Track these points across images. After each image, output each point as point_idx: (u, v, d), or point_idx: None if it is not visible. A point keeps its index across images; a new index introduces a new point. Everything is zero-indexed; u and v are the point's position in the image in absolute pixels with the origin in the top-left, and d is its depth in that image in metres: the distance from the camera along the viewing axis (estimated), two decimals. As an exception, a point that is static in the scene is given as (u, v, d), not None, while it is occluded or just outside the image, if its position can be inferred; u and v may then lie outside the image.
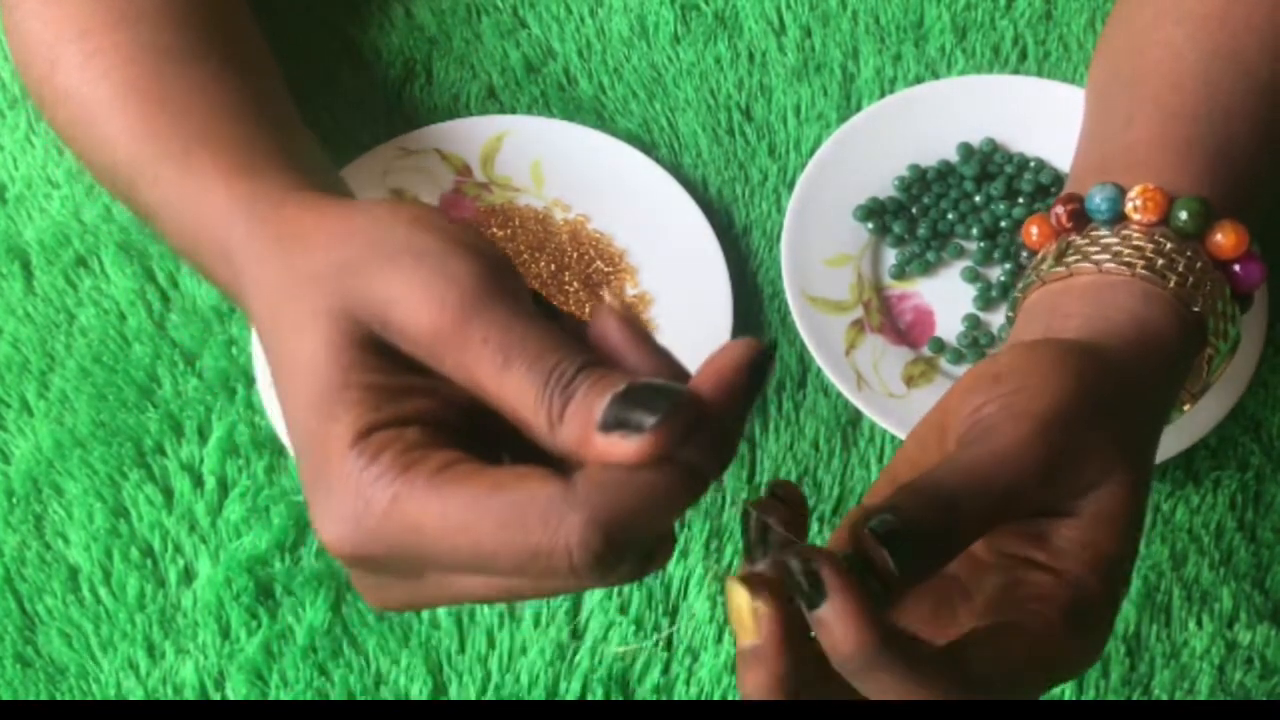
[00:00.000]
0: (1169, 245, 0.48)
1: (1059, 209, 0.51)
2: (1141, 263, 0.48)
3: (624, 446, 0.34)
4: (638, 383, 0.34)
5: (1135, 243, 0.48)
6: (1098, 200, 0.50)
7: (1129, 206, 0.49)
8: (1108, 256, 0.48)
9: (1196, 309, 0.48)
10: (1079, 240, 0.50)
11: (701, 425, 0.34)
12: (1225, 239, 0.49)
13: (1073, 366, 0.43)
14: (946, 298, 0.64)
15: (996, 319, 0.63)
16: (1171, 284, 0.47)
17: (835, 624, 0.36)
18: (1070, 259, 0.49)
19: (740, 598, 0.37)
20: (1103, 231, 0.49)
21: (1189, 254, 0.48)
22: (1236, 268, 0.49)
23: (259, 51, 0.57)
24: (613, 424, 0.34)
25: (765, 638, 0.37)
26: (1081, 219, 0.50)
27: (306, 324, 0.39)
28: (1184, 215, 0.48)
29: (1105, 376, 0.44)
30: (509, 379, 0.36)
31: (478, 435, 0.38)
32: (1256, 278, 0.50)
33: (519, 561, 0.34)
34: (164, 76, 0.51)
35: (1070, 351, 0.44)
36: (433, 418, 0.38)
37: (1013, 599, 0.41)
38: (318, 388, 0.38)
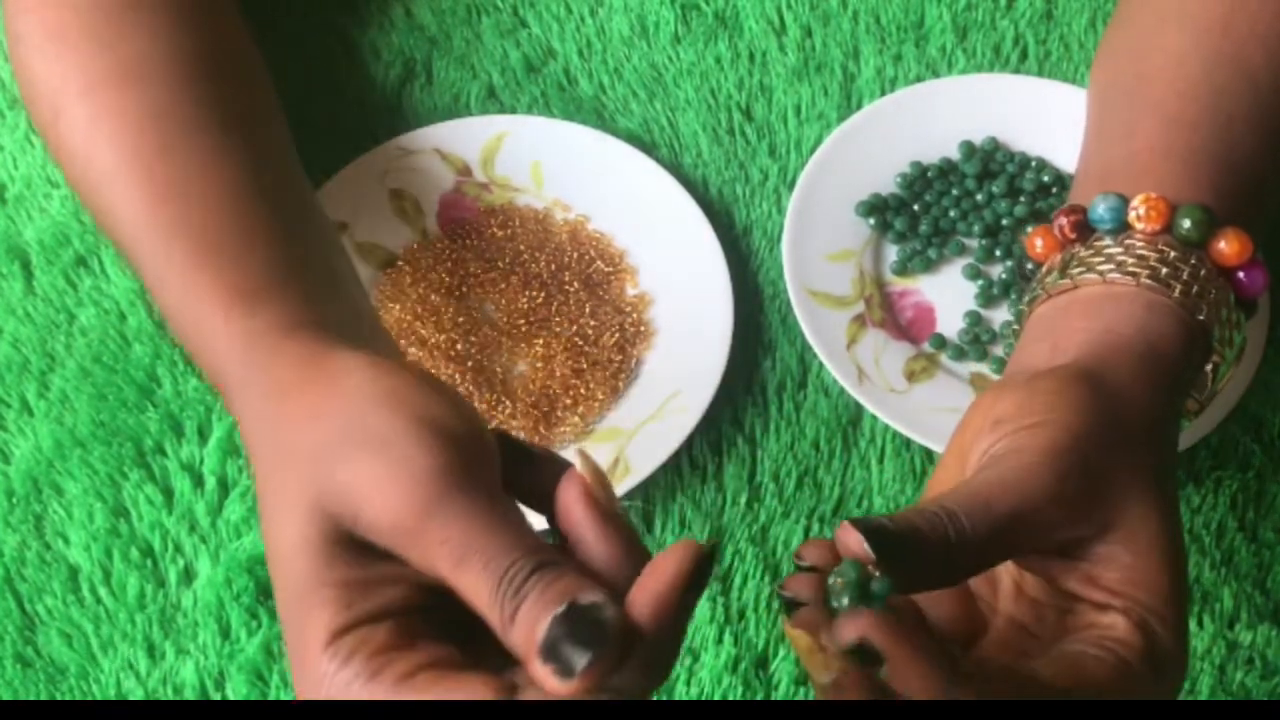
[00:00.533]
0: (1172, 254, 0.48)
1: (1062, 220, 0.50)
2: (1145, 272, 0.47)
3: (555, 684, 0.36)
4: (577, 606, 0.36)
5: (1139, 252, 0.48)
6: (1101, 210, 0.49)
7: (1132, 215, 0.49)
8: (1112, 266, 0.48)
9: (1201, 317, 0.47)
10: (1082, 251, 0.49)
11: (634, 653, 0.36)
12: (1228, 247, 0.48)
13: (1074, 398, 0.43)
14: (948, 294, 0.64)
15: (997, 316, 0.63)
16: (1176, 293, 0.47)
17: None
18: (1074, 271, 0.49)
19: (803, 641, 0.38)
20: (1106, 241, 0.49)
21: (1193, 262, 0.48)
22: (1240, 275, 0.49)
23: (264, 101, 0.57)
24: (549, 651, 0.36)
25: (840, 668, 0.38)
26: (1085, 229, 0.50)
27: (287, 513, 0.40)
28: (1187, 223, 0.48)
29: (1110, 404, 0.44)
30: (465, 578, 0.38)
31: (451, 612, 0.39)
32: (1260, 284, 0.49)
33: None
34: (169, 153, 0.51)
35: (1071, 382, 0.44)
36: (405, 606, 0.40)
37: (1088, 639, 0.41)
38: (296, 580, 0.40)
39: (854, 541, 0.38)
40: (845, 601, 0.38)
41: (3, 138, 0.67)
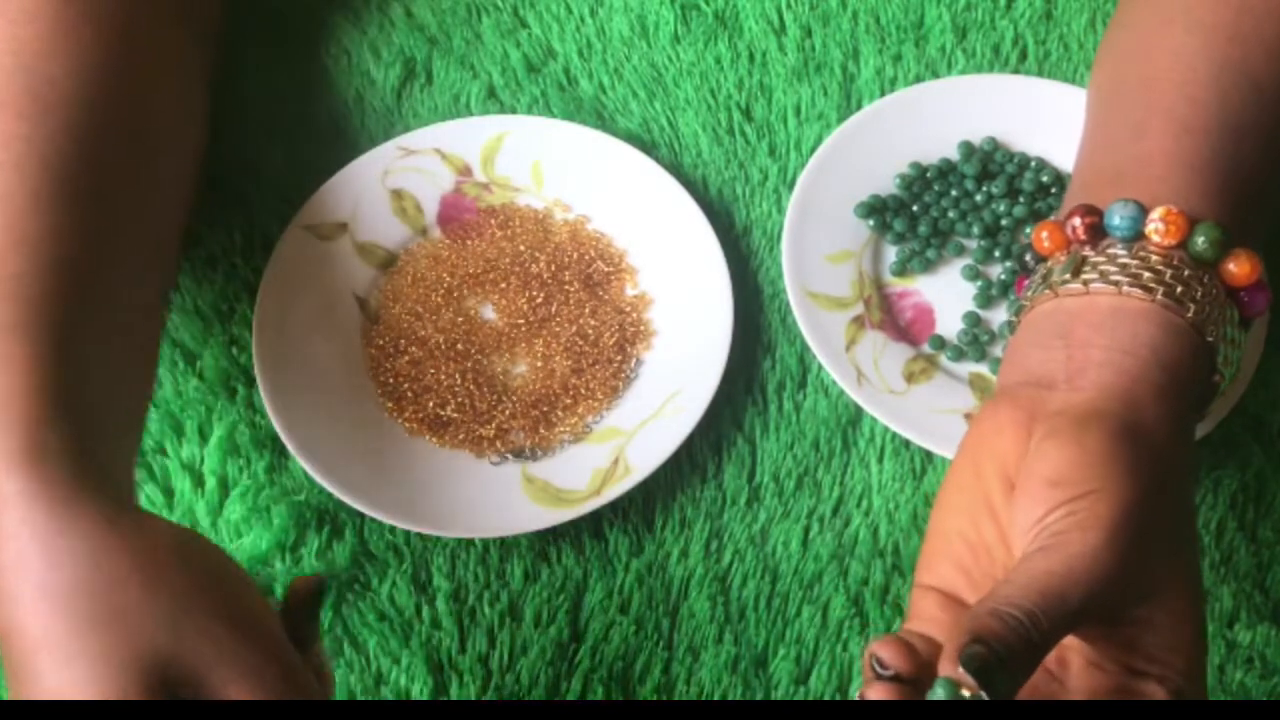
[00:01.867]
0: (1187, 272, 0.48)
1: (1076, 220, 0.50)
2: (1162, 289, 0.47)
3: None
4: None
5: (1155, 266, 0.48)
6: (1117, 219, 0.49)
7: (1150, 228, 0.48)
8: (1127, 279, 0.48)
9: (1210, 339, 0.47)
10: (1095, 257, 0.49)
11: None
12: (1239, 268, 0.48)
13: (1125, 464, 0.43)
14: (947, 295, 0.64)
15: (997, 317, 0.63)
16: (1190, 312, 0.47)
17: None
18: (1087, 276, 0.49)
19: None
20: (1119, 250, 0.49)
21: (1205, 280, 0.48)
22: (1244, 295, 0.49)
23: (166, 169, 0.54)
24: None
25: None
26: (1097, 232, 0.50)
27: (93, 665, 0.41)
28: (1202, 241, 0.48)
29: (1152, 466, 0.44)
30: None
31: None
32: (1261, 306, 0.49)
33: None
34: (34, 209, 0.47)
35: (1119, 443, 0.44)
36: None
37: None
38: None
39: (969, 683, 0.38)
40: None
41: (3, 138, 0.67)
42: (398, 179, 0.66)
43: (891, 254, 0.64)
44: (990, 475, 0.46)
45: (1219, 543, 0.58)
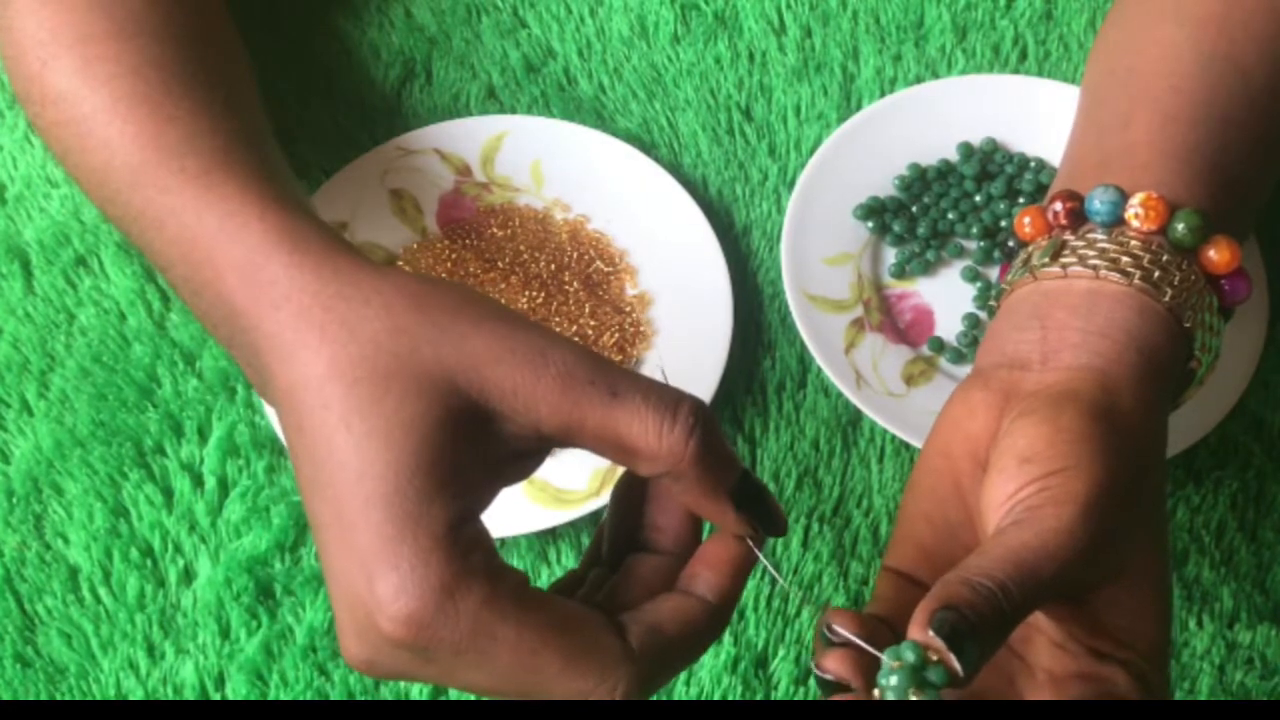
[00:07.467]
0: (1165, 257, 0.48)
1: (1057, 205, 0.50)
2: (1139, 273, 0.47)
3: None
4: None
5: (1133, 250, 0.48)
6: (1098, 204, 0.49)
7: (1130, 213, 0.49)
8: (1105, 263, 0.48)
9: (1187, 325, 0.48)
10: (1074, 241, 0.49)
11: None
12: (1218, 255, 0.48)
13: (1099, 444, 0.43)
14: (946, 297, 0.64)
15: (996, 318, 0.63)
16: (1167, 297, 0.47)
17: None
18: (1066, 260, 0.49)
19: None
20: (1099, 235, 0.49)
21: (1184, 266, 0.48)
22: (1224, 283, 0.49)
23: (247, 78, 0.56)
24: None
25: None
26: (1078, 218, 0.50)
27: (407, 388, 0.39)
28: (1181, 227, 0.48)
29: (1126, 447, 0.44)
30: (622, 407, 0.41)
31: None
32: (1242, 293, 0.49)
33: (567, 694, 0.38)
34: (171, 94, 0.50)
35: (1093, 422, 0.44)
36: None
37: (1093, 695, 0.42)
38: (413, 460, 0.38)
39: (939, 646, 0.38)
40: (895, 683, 0.38)
41: (2, 137, 0.67)
42: (397, 179, 0.66)
43: (890, 256, 0.64)
44: (960, 457, 0.46)
45: (1219, 543, 0.58)
